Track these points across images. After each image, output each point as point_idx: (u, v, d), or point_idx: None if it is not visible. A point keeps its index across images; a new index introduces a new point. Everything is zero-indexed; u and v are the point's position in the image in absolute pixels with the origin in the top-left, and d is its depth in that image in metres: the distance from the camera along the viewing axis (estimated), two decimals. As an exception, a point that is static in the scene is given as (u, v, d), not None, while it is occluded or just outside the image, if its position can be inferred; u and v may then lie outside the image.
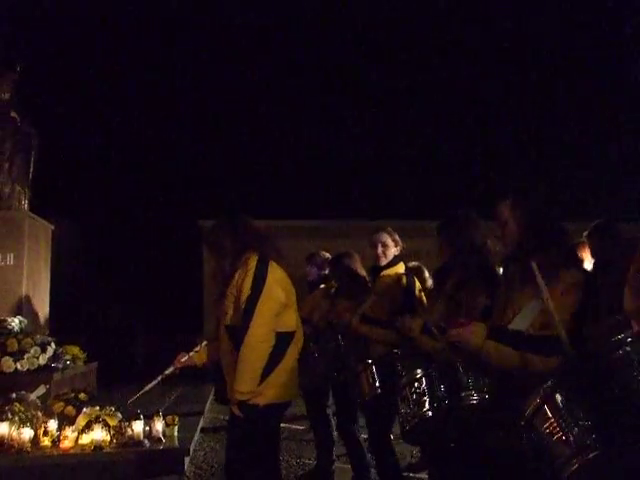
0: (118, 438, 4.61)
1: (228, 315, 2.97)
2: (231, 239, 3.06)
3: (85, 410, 4.86)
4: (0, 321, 6.65)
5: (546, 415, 1.78)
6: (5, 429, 4.46)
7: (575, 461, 1.68)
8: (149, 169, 18.96)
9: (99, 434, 4.52)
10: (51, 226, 8.83)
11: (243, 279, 2.91)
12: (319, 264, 4.92)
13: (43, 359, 6.31)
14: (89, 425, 4.58)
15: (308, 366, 3.61)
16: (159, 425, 4.76)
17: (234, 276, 2.96)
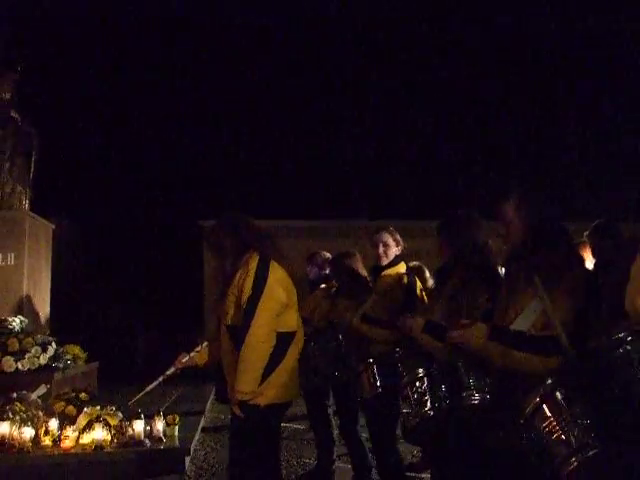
0: (119, 438, 4.61)
1: (229, 315, 2.96)
2: (232, 239, 3.05)
3: (86, 410, 4.86)
4: (1, 321, 6.66)
5: (545, 414, 1.78)
6: (6, 429, 4.47)
7: (574, 459, 1.69)
8: (149, 169, 18.96)
9: (100, 434, 4.53)
10: (52, 226, 8.83)
11: (244, 279, 2.90)
12: (320, 264, 4.92)
13: (44, 359, 6.31)
14: (90, 425, 4.59)
15: (308, 366, 3.61)
16: (160, 425, 4.77)
17: (235, 276, 2.95)
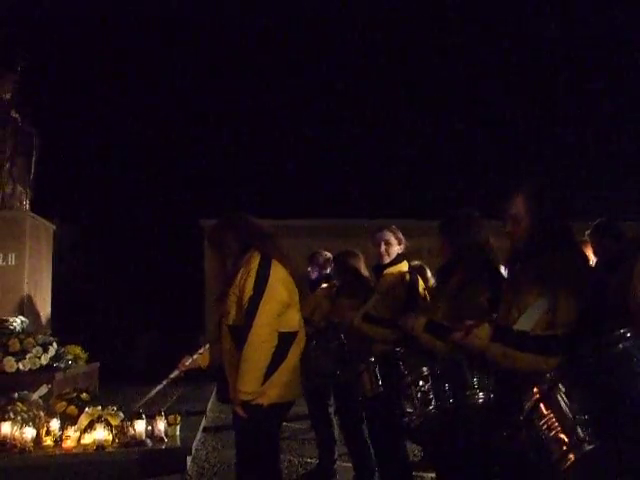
0: (120, 438, 4.61)
1: (230, 315, 2.95)
2: (233, 238, 3.04)
3: (87, 410, 4.85)
4: (2, 321, 6.65)
5: (544, 410, 1.78)
6: (7, 429, 4.47)
7: (572, 455, 1.69)
8: (150, 169, 18.93)
9: (101, 434, 4.53)
10: (52, 226, 8.82)
11: (245, 279, 2.89)
12: (320, 264, 4.92)
13: (45, 359, 6.30)
14: (91, 425, 4.59)
15: (309, 366, 3.61)
16: (161, 424, 4.76)
17: (236, 275, 2.94)
